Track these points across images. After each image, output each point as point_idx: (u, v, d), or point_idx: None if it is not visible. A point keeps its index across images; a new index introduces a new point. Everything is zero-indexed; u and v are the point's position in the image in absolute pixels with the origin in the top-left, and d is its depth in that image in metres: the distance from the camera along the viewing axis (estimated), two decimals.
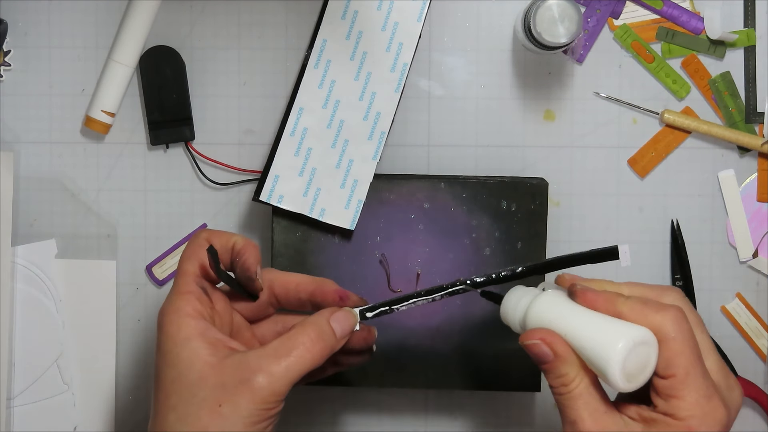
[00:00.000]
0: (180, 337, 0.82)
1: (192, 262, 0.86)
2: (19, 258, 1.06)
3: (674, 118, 1.06)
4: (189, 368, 0.81)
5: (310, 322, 0.84)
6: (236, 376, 0.81)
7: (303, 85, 1.01)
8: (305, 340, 0.83)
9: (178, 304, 0.84)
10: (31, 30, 1.07)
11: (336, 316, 0.86)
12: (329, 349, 0.85)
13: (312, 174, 1.00)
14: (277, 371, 0.81)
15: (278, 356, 0.82)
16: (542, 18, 0.98)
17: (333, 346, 0.85)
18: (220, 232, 0.88)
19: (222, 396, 0.80)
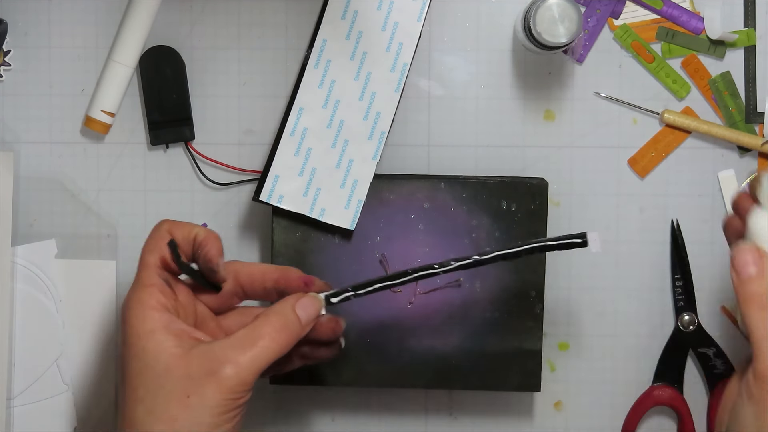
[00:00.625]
0: (144, 329, 0.82)
1: (153, 254, 0.86)
2: (19, 258, 1.06)
3: (674, 118, 1.06)
4: (155, 360, 0.81)
5: (275, 311, 0.85)
6: (203, 367, 0.80)
7: (303, 85, 1.01)
8: (270, 330, 0.83)
9: (142, 297, 0.84)
10: (31, 30, 1.07)
11: (301, 302, 0.86)
12: (294, 337, 0.85)
13: (312, 174, 1.00)
14: (243, 361, 0.81)
15: (244, 346, 0.82)
16: (542, 18, 0.98)
17: (298, 333, 0.85)
18: (182, 223, 0.88)
19: (189, 387, 0.80)
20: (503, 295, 1.02)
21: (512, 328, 1.03)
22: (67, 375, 1.07)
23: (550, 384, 1.09)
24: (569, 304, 1.08)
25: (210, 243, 0.86)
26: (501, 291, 1.02)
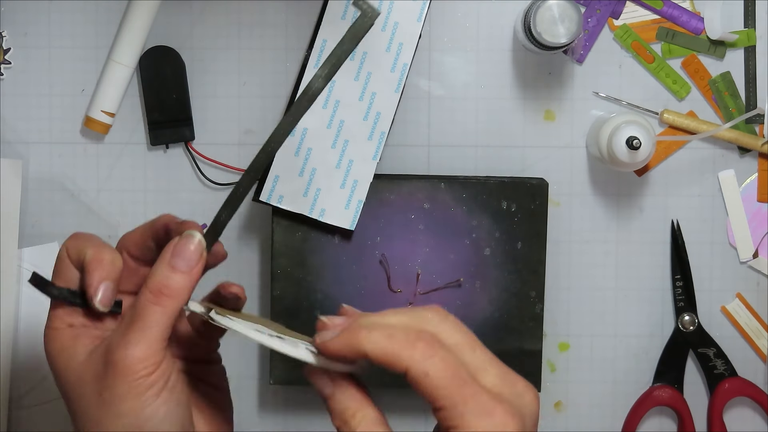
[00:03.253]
0: (55, 350, 0.79)
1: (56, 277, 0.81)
2: (24, 261, 1.06)
3: (674, 118, 1.06)
4: (68, 373, 0.78)
5: (150, 274, 0.78)
6: (102, 362, 0.77)
7: (303, 85, 1.01)
8: (148, 296, 0.76)
9: (48, 323, 0.80)
10: (31, 30, 1.07)
11: (174, 249, 0.78)
12: (179, 289, 0.77)
13: (312, 174, 1.00)
14: (131, 338, 0.75)
15: (129, 324, 0.76)
16: (542, 18, 0.98)
17: (183, 284, 0.78)
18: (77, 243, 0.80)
19: (99, 385, 0.76)
20: (503, 295, 1.02)
21: (512, 328, 1.03)
22: None
23: (550, 384, 1.09)
24: (569, 304, 1.08)
25: (95, 269, 0.78)
26: (501, 291, 1.02)
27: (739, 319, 1.08)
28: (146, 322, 0.76)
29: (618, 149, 0.99)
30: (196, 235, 0.79)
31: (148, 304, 0.76)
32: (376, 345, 0.70)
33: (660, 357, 1.08)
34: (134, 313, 0.76)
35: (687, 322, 1.07)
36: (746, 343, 1.08)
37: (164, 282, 0.77)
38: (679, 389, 1.07)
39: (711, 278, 1.08)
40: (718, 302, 1.08)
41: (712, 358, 1.07)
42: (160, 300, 0.76)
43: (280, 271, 1.02)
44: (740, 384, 1.07)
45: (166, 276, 0.77)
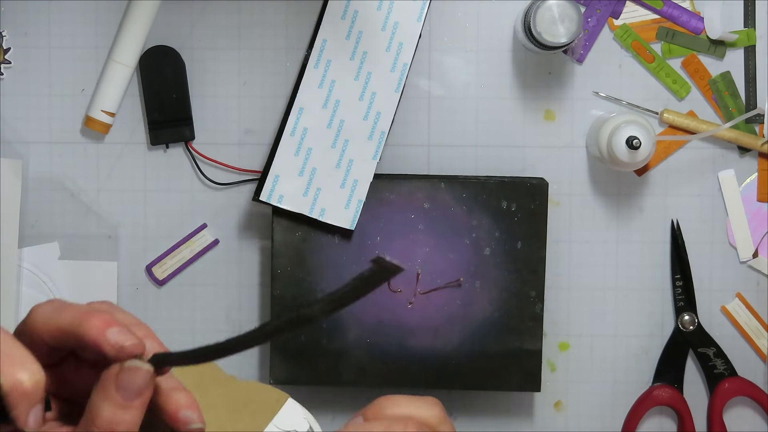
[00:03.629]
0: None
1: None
2: (24, 261, 1.06)
3: (674, 118, 1.06)
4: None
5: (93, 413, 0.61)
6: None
7: (303, 85, 1.01)
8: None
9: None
10: (31, 30, 1.07)
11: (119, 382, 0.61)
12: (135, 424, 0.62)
13: (312, 174, 1.00)
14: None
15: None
16: (542, 18, 0.98)
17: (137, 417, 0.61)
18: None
19: None
20: (503, 295, 1.02)
21: (512, 328, 1.03)
22: None
23: (550, 384, 1.09)
24: (569, 304, 1.08)
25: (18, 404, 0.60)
26: (501, 291, 1.02)
27: (739, 319, 1.08)
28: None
29: (618, 149, 0.99)
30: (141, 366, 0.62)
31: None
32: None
33: (660, 357, 1.08)
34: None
35: (687, 321, 1.07)
36: (746, 343, 1.08)
37: (114, 420, 0.61)
38: (679, 389, 1.07)
39: (711, 278, 1.08)
40: (718, 302, 1.08)
41: (712, 358, 1.07)
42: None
43: (280, 270, 1.02)
44: (740, 384, 1.07)
45: (114, 414, 0.61)
